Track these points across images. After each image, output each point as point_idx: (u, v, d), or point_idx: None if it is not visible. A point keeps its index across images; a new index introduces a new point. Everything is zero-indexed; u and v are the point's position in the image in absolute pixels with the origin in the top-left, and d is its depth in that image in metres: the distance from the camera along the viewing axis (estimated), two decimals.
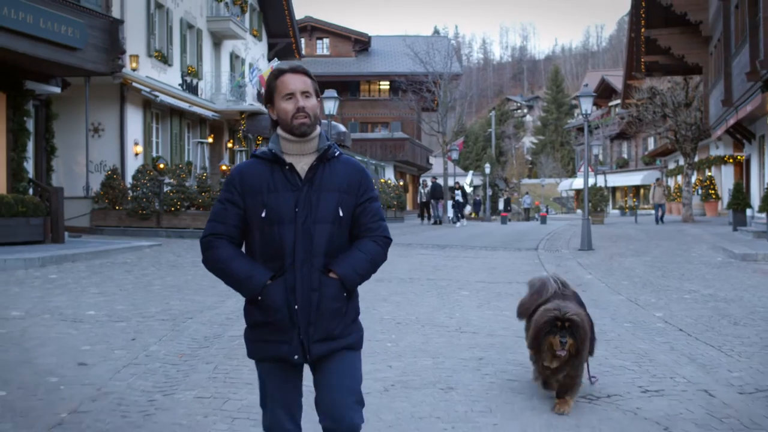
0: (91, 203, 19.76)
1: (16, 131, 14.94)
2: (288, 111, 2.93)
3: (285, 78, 2.97)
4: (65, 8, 14.07)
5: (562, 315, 4.43)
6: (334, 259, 2.93)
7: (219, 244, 2.94)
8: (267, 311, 2.89)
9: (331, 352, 2.94)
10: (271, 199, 2.89)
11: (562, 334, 4.42)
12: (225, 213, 2.96)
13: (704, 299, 9.81)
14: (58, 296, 9.24)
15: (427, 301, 9.42)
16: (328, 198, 2.92)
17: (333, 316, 2.92)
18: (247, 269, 2.90)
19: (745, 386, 5.72)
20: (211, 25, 27.59)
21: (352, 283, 2.96)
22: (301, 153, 2.96)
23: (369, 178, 3.09)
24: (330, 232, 2.91)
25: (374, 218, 3.03)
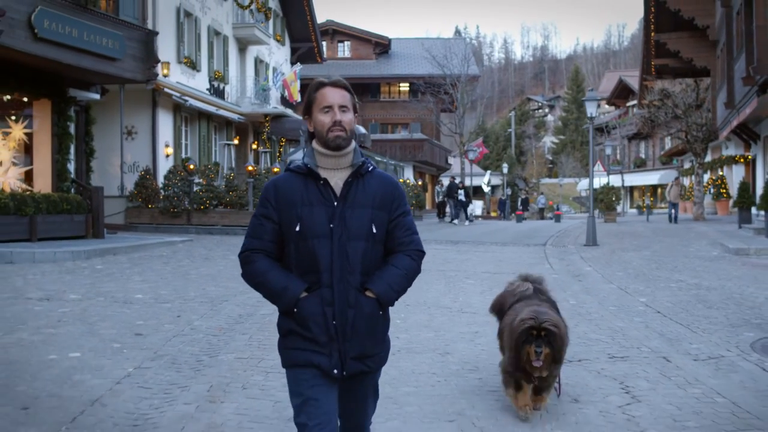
0: (126, 202, 21.00)
1: (61, 135, 16.19)
2: (325, 124, 2.95)
3: (325, 91, 2.98)
4: (106, 22, 15.29)
5: (539, 324, 4.26)
6: (369, 276, 2.95)
7: (256, 259, 2.97)
8: (303, 323, 2.90)
9: (365, 374, 3.00)
10: (305, 213, 2.91)
11: (538, 344, 4.27)
12: (261, 228, 2.98)
13: (688, 287, 10.77)
14: (107, 283, 10.41)
15: (435, 288, 10.48)
16: (362, 215, 2.94)
17: (368, 334, 2.95)
18: (283, 281, 2.92)
19: (700, 355, 6.72)
20: (237, 32, 28.81)
21: (388, 301, 2.98)
22: (335, 167, 2.98)
23: (402, 192, 3.11)
24: (364, 249, 2.93)
25: (407, 232, 3.05)
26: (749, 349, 6.87)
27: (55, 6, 13.85)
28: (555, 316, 4.49)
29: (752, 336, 7.47)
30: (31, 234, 14.43)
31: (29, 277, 10.77)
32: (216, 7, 26.84)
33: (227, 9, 28.02)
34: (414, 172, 43.47)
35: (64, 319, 7.74)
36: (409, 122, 48.03)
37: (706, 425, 4.77)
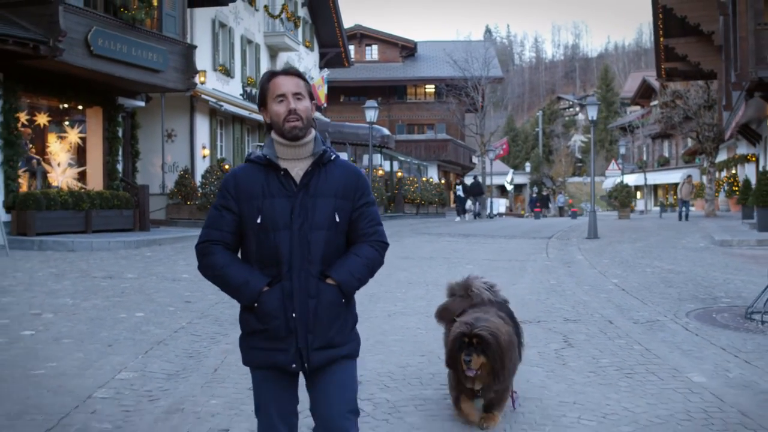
0: (167, 199, 22.86)
1: (111, 139, 18.09)
2: (280, 113, 2.90)
3: (277, 80, 2.93)
4: (151, 38, 17.12)
5: (470, 330, 3.95)
6: (330, 265, 2.91)
7: (214, 251, 2.90)
8: (263, 318, 2.86)
9: (330, 361, 2.92)
10: (266, 205, 2.87)
11: (468, 352, 3.94)
12: (220, 219, 2.92)
13: (660, 272, 12.26)
14: (157, 266, 12.19)
15: (437, 271, 12.11)
16: (324, 204, 2.89)
17: (331, 323, 2.90)
18: (244, 275, 2.86)
19: (640, 319, 8.26)
20: (268, 40, 30.63)
21: (349, 288, 2.93)
22: (295, 157, 2.94)
23: (365, 182, 3.06)
24: (326, 238, 2.89)
25: (371, 223, 3.00)
26: (683, 316, 8.40)
27: (107, 26, 15.70)
28: (495, 324, 4.05)
29: (692, 307, 8.98)
30: (86, 226, 16.33)
31: (90, 262, 12.61)
32: (248, 17, 28.67)
33: (259, 19, 29.83)
34: (438, 171, 45.03)
35: (126, 292, 9.52)
36: (434, 123, 49.55)
37: (616, 362, 6.33)
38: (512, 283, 10.88)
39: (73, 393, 5.21)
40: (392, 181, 34.07)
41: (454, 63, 40.59)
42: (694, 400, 5.25)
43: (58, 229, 15.50)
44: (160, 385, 5.45)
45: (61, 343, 6.71)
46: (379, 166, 33.08)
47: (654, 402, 5.18)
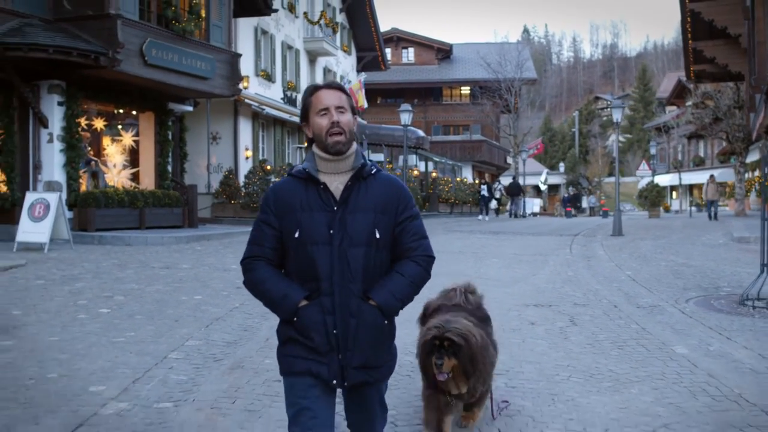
0: (212, 198, 24.15)
1: (162, 142, 19.39)
2: (323, 126, 2.88)
3: (320, 94, 2.93)
4: (200, 47, 18.36)
5: (441, 333, 3.84)
6: (372, 285, 2.87)
7: (256, 267, 2.91)
8: (303, 332, 2.84)
9: (366, 382, 2.93)
10: (304, 219, 2.84)
11: (439, 355, 3.82)
12: (262, 235, 2.93)
13: (673, 265, 13.10)
14: (208, 258, 13.37)
15: (464, 263, 13.10)
16: (363, 219, 2.85)
17: (371, 344, 2.88)
18: (282, 289, 2.85)
19: (644, 305, 9.17)
20: (307, 45, 31.83)
21: (391, 310, 2.90)
22: (335, 171, 2.91)
23: (408, 195, 2.99)
24: (366, 255, 2.85)
25: (414, 237, 2.95)
26: (683, 302, 9.29)
27: (160, 37, 16.96)
28: (465, 327, 3.93)
29: (693, 295, 9.86)
30: (140, 223, 17.62)
31: (147, 255, 13.84)
32: (288, 24, 29.90)
33: (299, 25, 31.05)
34: (473, 171, 45.89)
35: (183, 279, 10.69)
36: (469, 124, 50.39)
37: (612, 337, 7.27)
38: (532, 274, 11.84)
39: (152, 354, 6.34)
40: (427, 181, 35.04)
41: (487, 66, 41.42)
42: (671, 365, 6.19)
43: (115, 225, 16.79)
44: (222, 350, 6.55)
45: (134, 319, 7.86)
46: (414, 167, 34.09)
47: (636, 366, 6.14)
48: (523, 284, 10.82)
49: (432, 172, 36.53)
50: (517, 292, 10.07)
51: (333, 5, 34.98)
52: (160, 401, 5.08)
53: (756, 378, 5.83)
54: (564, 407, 5.07)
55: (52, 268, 11.66)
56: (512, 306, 8.90)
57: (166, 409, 4.94)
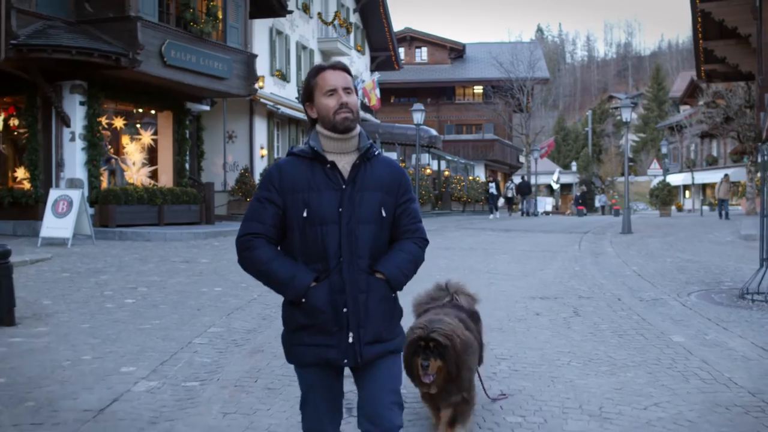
0: (228, 196, 24.60)
1: (180, 140, 19.86)
2: (330, 107, 2.88)
3: (326, 74, 2.92)
4: (217, 49, 18.80)
5: (427, 334, 3.82)
6: (377, 261, 2.90)
7: (257, 244, 2.85)
8: (311, 313, 2.82)
9: (379, 356, 2.92)
10: (312, 199, 2.83)
11: (425, 356, 3.80)
12: (263, 211, 2.88)
13: (679, 261, 13.40)
14: (226, 253, 13.79)
15: (474, 259, 13.46)
16: (371, 198, 2.88)
17: (382, 318, 2.90)
18: (290, 270, 2.82)
19: (646, 297, 9.50)
20: (322, 45, 32.24)
21: (398, 283, 2.93)
22: (342, 151, 2.92)
23: (408, 178, 3.06)
24: (374, 232, 2.88)
25: (413, 219, 3.01)
26: (684, 296, 9.61)
27: (179, 39, 17.41)
28: (451, 327, 3.92)
29: (695, 289, 10.18)
30: (159, 219, 18.08)
31: (167, 250, 14.28)
32: (303, 25, 30.32)
33: (313, 26, 31.47)
34: (485, 170, 46.18)
35: (203, 272, 11.12)
36: (482, 123, 50.65)
37: (613, 327, 7.62)
38: (540, 269, 12.19)
39: (177, 339, 6.75)
40: (439, 180, 35.38)
41: (500, 66, 41.74)
42: (667, 352, 6.54)
43: (135, 221, 17.25)
44: (243, 336, 6.95)
45: (159, 308, 8.29)
46: (426, 165, 34.44)
47: (633, 353, 6.49)
48: (530, 278, 11.17)
49: (444, 171, 36.87)
50: (525, 285, 10.42)
51: (347, 5, 35.39)
52: (187, 380, 5.49)
53: (747, 364, 6.17)
54: (562, 387, 5.44)
55: (76, 262, 12.12)
56: (519, 298, 9.26)
57: (193, 387, 5.35)
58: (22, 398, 5.03)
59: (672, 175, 62.73)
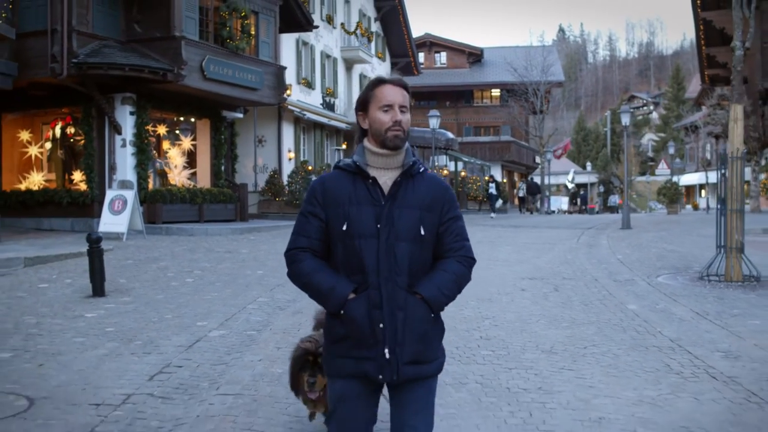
0: (259, 196, 26.57)
1: (216, 145, 21.85)
2: (384, 122, 2.88)
3: (385, 89, 2.92)
4: (250, 62, 20.77)
5: (315, 349, 3.68)
6: (418, 280, 2.88)
7: (303, 258, 2.91)
8: (349, 325, 2.84)
9: (419, 379, 2.90)
10: (352, 213, 2.86)
11: (312, 372, 3.67)
12: (308, 226, 2.93)
13: (662, 252, 15.11)
14: (262, 245, 15.71)
15: (480, 249, 15.16)
16: (410, 215, 2.87)
17: (420, 338, 2.88)
18: (330, 281, 2.86)
19: (620, 279, 11.24)
20: (344, 54, 34.17)
21: (438, 305, 2.90)
22: (385, 167, 2.92)
23: (453, 196, 3.04)
24: (411, 250, 2.86)
25: (457, 238, 2.97)
26: (653, 278, 11.36)
27: (217, 54, 19.38)
28: None
29: (664, 272, 11.93)
30: (199, 217, 20.06)
31: (209, 243, 16.22)
32: (327, 35, 32.26)
33: (336, 36, 33.41)
34: (502, 171, 47.88)
35: (245, 260, 13.05)
36: (500, 125, 52.27)
37: (582, 299, 9.41)
38: (536, 258, 13.97)
39: (234, 305, 8.65)
40: (456, 180, 37.17)
41: (514, 71, 43.48)
42: (619, 315, 8.33)
43: (178, 218, 19.22)
44: (285, 303, 8.83)
45: (214, 285, 10.21)
46: (444, 167, 36.23)
47: (591, 316, 8.29)
48: (525, 264, 12.97)
49: (461, 172, 38.64)
50: (519, 269, 12.22)
51: (368, 15, 37.30)
52: (247, 330, 7.38)
53: (679, 323, 7.94)
54: (527, 335, 7.27)
55: (135, 252, 14.09)
56: (511, 279, 11.07)
57: (252, 334, 7.24)
58: (131, 339, 6.96)
59: (688, 175, 63.90)
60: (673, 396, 5.32)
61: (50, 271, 11.50)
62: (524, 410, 5.01)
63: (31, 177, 19.87)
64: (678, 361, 6.31)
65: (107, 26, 18.24)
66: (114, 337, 7.04)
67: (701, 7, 28.33)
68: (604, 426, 4.71)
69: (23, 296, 9.37)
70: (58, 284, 10.32)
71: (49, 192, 19.00)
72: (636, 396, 5.32)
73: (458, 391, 5.40)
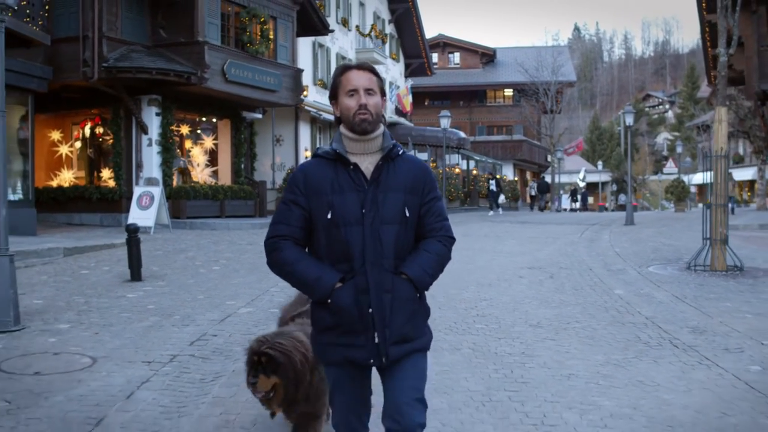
0: (276, 193, 27.53)
1: (237, 145, 22.90)
2: (350, 107, 2.89)
3: (350, 74, 2.93)
4: (269, 65, 21.79)
5: (259, 348, 3.54)
6: (402, 261, 2.92)
7: (284, 246, 2.91)
8: (337, 314, 2.86)
9: (405, 354, 2.95)
10: (336, 200, 2.86)
11: (254, 372, 3.53)
12: (289, 214, 2.92)
13: (658, 246, 15.96)
14: None
15: (486, 242, 16.19)
16: (394, 198, 2.90)
17: (407, 318, 2.92)
18: (316, 271, 2.86)
19: (613, 269, 12.11)
20: (359, 56, 35.10)
21: (423, 284, 2.95)
22: (364, 152, 2.94)
23: (433, 177, 3.06)
24: (397, 232, 2.90)
25: (438, 218, 3.02)
26: (644, 268, 12.23)
27: (238, 58, 20.41)
28: (292, 343, 3.59)
29: (656, 263, 12.80)
30: (221, 212, 21.10)
31: (231, 236, 17.24)
32: (342, 37, 33.24)
33: (351, 38, 34.39)
34: (514, 169, 48.73)
35: None
36: (512, 125, 53.06)
37: (574, 284, 10.31)
38: (538, 250, 14.87)
39: (259, 288, 9.63)
40: (468, 179, 38.07)
41: (524, 71, 44.33)
42: (604, 298, 9.24)
43: (201, 214, 20.27)
44: None
45: (239, 272, 11.20)
46: (456, 165, 37.15)
47: (580, 299, 9.20)
48: (527, 256, 13.87)
49: (473, 170, 39.53)
50: (520, 260, 13.13)
51: (382, 17, 38.26)
52: (271, 308, 8.35)
53: (658, 305, 8.83)
54: (519, 314, 8.20)
55: (163, 244, 15.12)
56: (512, 268, 11.98)
57: (276, 311, 8.08)
58: (170, 314, 7.97)
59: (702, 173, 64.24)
60: (636, 359, 6.25)
61: (88, 260, 12.54)
62: (507, 368, 5.96)
63: (62, 174, 20.99)
64: (648, 334, 7.22)
65: (135, 32, 19.31)
66: (155, 313, 8.05)
67: (706, 9, 29.06)
68: (572, 379, 5.65)
69: (68, 280, 10.41)
70: (98, 271, 11.36)
71: (80, 188, 20.11)
72: (604, 359, 6.25)
73: (452, 354, 6.36)
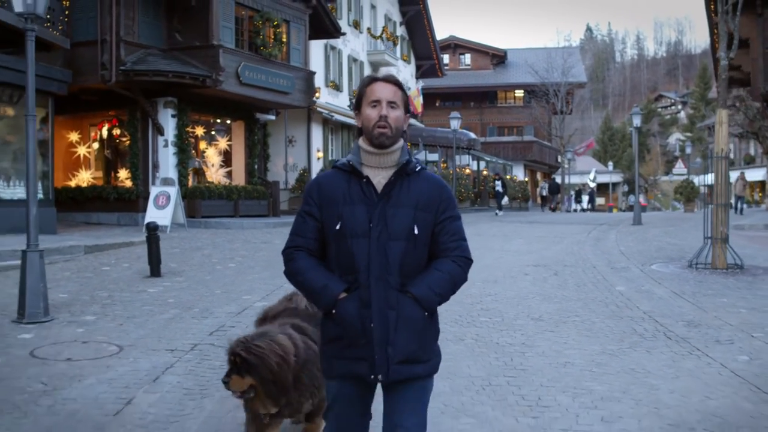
0: (289, 193, 28.00)
1: (250, 146, 23.35)
2: (371, 118, 2.91)
3: (375, 86, 2.96)
4: (282, 68, 22.22)
5: (234, 348, 3.55)
6: (411, 279, 2.89)
7: (297, 257, 2.97)
8: (340, 324, 2.88)
9: (410, 378, 2.90)
10: (345, 212, 2.88)
11: (228, 373, 3.52)
12: (304, 226, 2.98)
13: (663, 245, 16.28)
14: None
15: (494, 241, 16.55)
16: (403, 214, 2.88)
17: (412, 338, 2.88)
18: (322, 280, 2.89)
19: (617, 267, 12.46)
20: (371, 57, 35.54)
21: (429, 304, 2.90)
22: (380, 166, 2.94)
23: (450, 195, 3.02)
24: (404, 249, 2.88)
25: (453, 237, 2.97)
26: (647, 266, 12.57)
27: (251, 61, 20.85)
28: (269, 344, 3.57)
29: (659, 261, 13.13)
30: (235, 212, 21.56)
31: (246, 235, 17.67)
32: (354, 39, 33.66)
33: (363, 40, 34.81)
34: (525, 170, 49.01)
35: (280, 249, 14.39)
36: (523, 125, 53.34)
37: (577, 281, 10.67)
38: (544, 249, 15.22)
39: (273, 284, 10.04)
40: (479, 179, 38.39)
41: (535, 73, 44.64)
42: (605, 293, 9.60)
43: (216, 213, 20.73)
44: None
45: (254, 269, 11.63)
46: (466, 166, 37.48)
47: (582, 295, 9.56)
48: (534, 254, 14.23)
49: (483, 171, 39.85)
50: (526, 258, 13.49)
51: (393, 19, 38.65)
52: None
53: (657, 301, 9.19)
54: (522, 308, 8.57)
55: (180, 242, 15.57)
56: (518, 266, 12.35)
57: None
58: (190, 307, 8.39)
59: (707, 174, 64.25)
60: (630, 349, 6.62)
61: (108, 258, 13.00)
62: (507, 357, 6.34)
63: (80, 175, 21.50)
64: (644, 327, 7.58)
65: (151, 36, 19.79)
66: (175, 306, 8.48)
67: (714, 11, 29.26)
68: (568, 367, 6.03)
69: (91, 276, 10.87)
70: (118, 267, 11.81)
71: (97, 188, 20.62)
72: (599, 349, 6.62)
73: (456, 345, 6.75)
